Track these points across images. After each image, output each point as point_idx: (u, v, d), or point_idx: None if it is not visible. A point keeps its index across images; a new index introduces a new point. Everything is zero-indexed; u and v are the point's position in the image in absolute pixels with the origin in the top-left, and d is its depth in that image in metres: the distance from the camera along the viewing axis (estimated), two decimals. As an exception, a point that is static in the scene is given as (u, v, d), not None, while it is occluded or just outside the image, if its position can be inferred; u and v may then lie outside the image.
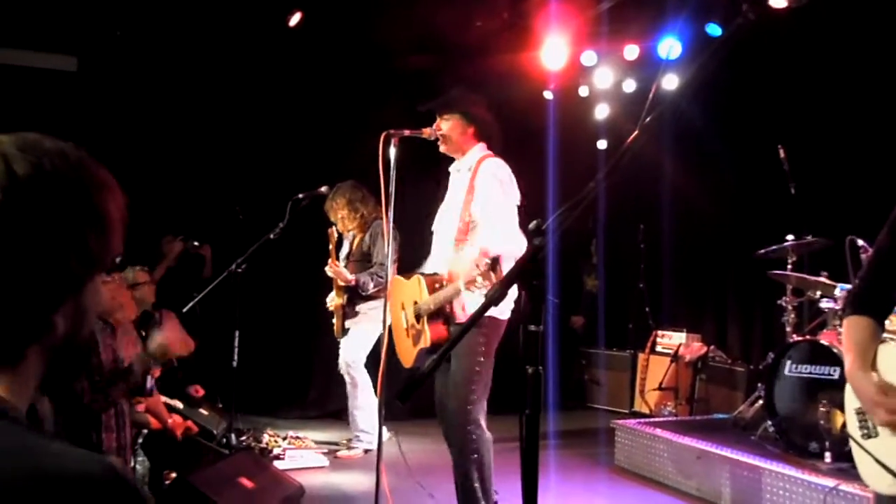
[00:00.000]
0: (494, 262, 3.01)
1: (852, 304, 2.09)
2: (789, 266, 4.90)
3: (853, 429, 2.11)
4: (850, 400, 2.13)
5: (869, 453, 2.03)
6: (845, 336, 2.08)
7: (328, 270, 5.46)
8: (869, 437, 2.06)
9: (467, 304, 3.40)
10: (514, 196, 3.54)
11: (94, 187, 0.90)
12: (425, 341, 3.47)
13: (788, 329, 4.95)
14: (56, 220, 0.85)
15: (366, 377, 5.48)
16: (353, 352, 5.50)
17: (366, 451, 5.46)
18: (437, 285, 3.49)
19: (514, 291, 3.31)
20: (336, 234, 5.53)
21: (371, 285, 5.42)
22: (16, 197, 0.83)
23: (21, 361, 0.86)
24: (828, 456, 4.02)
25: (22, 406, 0.85)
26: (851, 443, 2.11)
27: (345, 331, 5.60)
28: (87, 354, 0.94)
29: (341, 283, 5.51)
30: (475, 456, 3.40)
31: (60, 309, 0.87)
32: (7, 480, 0.72)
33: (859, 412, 2.08)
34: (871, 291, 2.07)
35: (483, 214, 3.50)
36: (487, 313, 3.34)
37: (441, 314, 3.47)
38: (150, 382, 4.16)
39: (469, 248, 3.42)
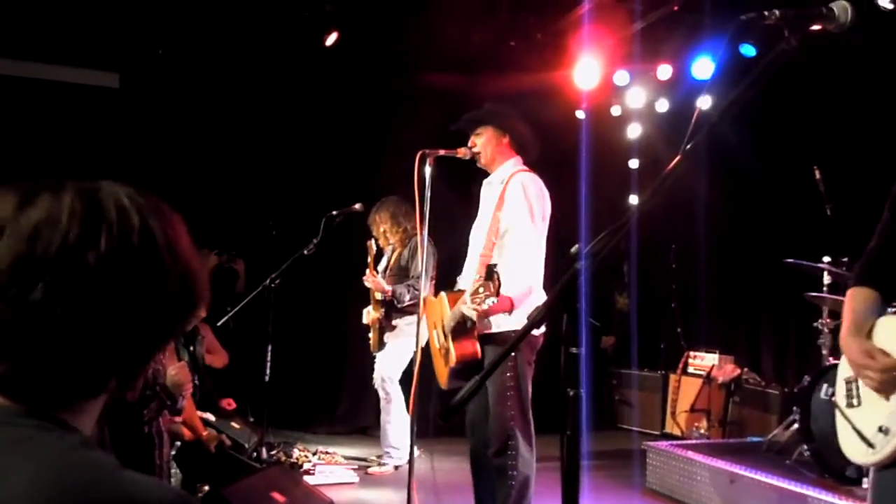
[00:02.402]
0: (490, 271, 3.03)
1: (857, 277, 2.14)
2: (825, 288, 4.83)
3: (840, 397, 2.16)
4: (842, 369, 2.17)
5: (849, 421, 2.07)
6: (845, 305, 2.12)
7: (366, 281, 5.49)
8: (852, 406, 2.10)
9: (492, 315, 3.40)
10: (543, 214, 3.54)
11: (182, 240, 0.96)
12: (452, 359, 3.47)
13: (825, 352, 4.87)
14: (163, 268, 0.91)
15: (399, 393, 5.49)
16: (388, 367, 5.52)
17: (396, 468, 5.47)
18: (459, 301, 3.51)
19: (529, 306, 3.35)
20: (375, 248, 5.56)
21: (407, 297, 5.43)
22: (129, 248, 0.88)
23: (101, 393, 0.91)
24: (865, 481, 3.94)
25: (88, 432, 0.89)
26: (836, 413, 2.15)
27: (381, 345, 5.62)
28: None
29: (378, 297, 5.54)
30: (512, 483, 3.36)
31: None
32: None
33: (848, 381, 2.13)
34: (876, 265, 2.12)
35: (509, 230, 3.51)
36: (509, 328, 3.40)
37: (463, 329, 3.46)
38: (181, 402, 4.20)
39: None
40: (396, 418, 5.50)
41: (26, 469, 0.77)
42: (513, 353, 3.33)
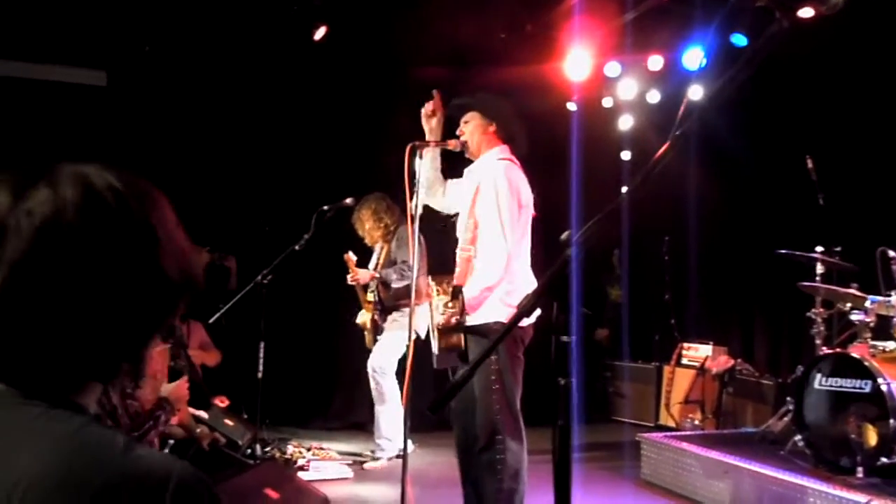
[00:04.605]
0: (456, 292, 3.35)
1: None
2: (818, 278, 4.83)
3: None
4: None
5: None
6: None
7: (350, 280, 5.49)
8: None
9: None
10: (517, 203, 3.46)
11: (172, 221, 1.00)
12: (437, 347, 3.49)
13: (818, 342, 4.88)
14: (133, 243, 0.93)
15: (393, 385, 5.47)
16: (381, 357, 5.51)
17: (389, 460, 5.45)
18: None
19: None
20: (354, 259, 5.54)
21: (394, 276, 5.43)
22: (130, 232, 0.92)
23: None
24: (859, 471, 3.95)
25: (93, 409, 0.94)
26: None
27: (377, 341, 5.64)
28: None
29: (370, 298, 5.55)
30: (500, 477, 3.34)
31: None
32: (112, 479, 0.82)
33: None
34: None
35: (482, 224, 3.48)
36: (493, 320, 3.38)
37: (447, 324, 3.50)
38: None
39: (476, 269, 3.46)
40: (389, 410, 5.48)
41: (36, 449, 0.82)
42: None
